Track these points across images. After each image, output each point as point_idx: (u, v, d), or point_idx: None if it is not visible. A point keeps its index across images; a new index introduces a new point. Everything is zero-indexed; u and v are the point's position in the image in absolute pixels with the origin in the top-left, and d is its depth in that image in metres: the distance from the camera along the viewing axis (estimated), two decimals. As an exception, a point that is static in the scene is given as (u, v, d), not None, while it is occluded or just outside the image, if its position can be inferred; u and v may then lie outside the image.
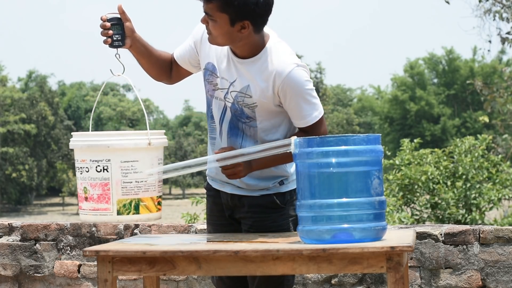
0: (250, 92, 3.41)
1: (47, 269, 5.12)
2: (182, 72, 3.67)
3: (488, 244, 4.45)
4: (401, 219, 9.33)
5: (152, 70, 3.61)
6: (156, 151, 3.36)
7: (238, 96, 3.43)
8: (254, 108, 3.42)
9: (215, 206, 3.62)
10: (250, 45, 3.40)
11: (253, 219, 3.49)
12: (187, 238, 3.47)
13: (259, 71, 3.40)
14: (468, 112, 58.36)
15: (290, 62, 3.38)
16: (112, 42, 3.40)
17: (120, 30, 3.41)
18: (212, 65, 3.51)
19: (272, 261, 2.96)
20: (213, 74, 3.50)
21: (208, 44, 3.50)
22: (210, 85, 3.52)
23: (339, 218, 2.97)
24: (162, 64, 3.63)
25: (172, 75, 3.67)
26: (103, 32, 3.40)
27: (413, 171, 9.57)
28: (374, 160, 3.01)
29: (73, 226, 5.08)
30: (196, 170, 3.31)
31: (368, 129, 63.69)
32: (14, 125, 59.35)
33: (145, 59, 3.56)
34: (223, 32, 3.35)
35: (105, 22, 3.40)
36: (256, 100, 3.41)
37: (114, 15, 3.41)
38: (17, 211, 58.57)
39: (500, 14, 17.18)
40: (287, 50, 3.44)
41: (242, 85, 3.42)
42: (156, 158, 3.36)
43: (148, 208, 3.33)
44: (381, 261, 2.91)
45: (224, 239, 3.28)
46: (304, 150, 3.02)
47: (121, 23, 3.41)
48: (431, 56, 62.67)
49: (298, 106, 3.38)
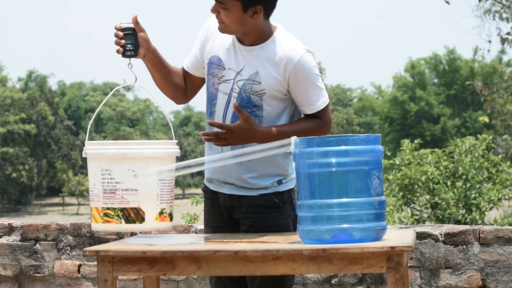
0: (259, 79, 3.41)
1: (47, 269, 5.12)
2: (196, 82, 3.63)
3: (488, 244, 4.45)
4: (401, 219, 9.33)
5: (166, 85, 3.57)
6: (172, 161, 3.34)
7: (245, 84, 3.43)
8: (262, 95, 3.42)
9: (213, 208, 3.61)
10: (260, 31, 3.41)
11: (252, 219, 3.48)
12: (187, 238, 3.47)
13: (268, 57, 3.41)
14: (468, 112, 58.37)
15: (300, 48, 3.41)
16: (125, 52, 3.39)
17: (133, 40, 3.40)
18: (217, 57, 3.50)
19: (272, 261, 2.96)
20: (218, 66, 3.49)
21: (212, 40, 3.51)
22: (214, 79, 3.50)
23: (339, 218, 2.96)
24: (176, 79, 3.59)
25: (187, 89, 3.64)
26: (116, 41, 3.40)
27: (413, 171, 9.57)
28: (374, 160, 3.01)
29: (73, 226, 5.08)
30: (196, 170, 3.30)
31: (368, 129, 63.67)
32: (14, 125, 59.35)
33: (159, 71, 3.53)
34: (235, 19, 3.35)
35: (118, 32, 3.40)
36: (265, 86, 3.41)
37: (128, 25, 3.41)
38: (17, 211, 58.57)
39: (500, 14, 17.18)
40: (295, 38, 3.47)
41: (250, 72, 3.42)
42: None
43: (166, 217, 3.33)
44: (381, 261, 2.90)
45: (224, 239, 3.28)
46: (304, 150, 3.01)
47: (135, 33, 3.41)
48: (433, 56, 62.68)
49: (308, 91, 3.40)
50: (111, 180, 3.22)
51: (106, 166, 3.23)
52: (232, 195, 3.52)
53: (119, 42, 3.40)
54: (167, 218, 3.29)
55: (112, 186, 3.22)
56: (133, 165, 3.21)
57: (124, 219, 3.22)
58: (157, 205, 3.25)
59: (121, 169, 3.21)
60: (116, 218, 3.22)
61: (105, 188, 3.23)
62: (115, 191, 3.22)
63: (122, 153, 3.21)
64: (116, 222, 3.22)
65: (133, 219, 3.22)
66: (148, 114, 78.20)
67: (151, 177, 3.22)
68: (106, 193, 3.23)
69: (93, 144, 3.28)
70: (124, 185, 3.22)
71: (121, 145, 3.24)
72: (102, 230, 3.25)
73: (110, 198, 3.22)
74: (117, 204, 3.22)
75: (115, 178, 3.22)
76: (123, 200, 3.21)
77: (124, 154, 3.21)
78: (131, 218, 3.22)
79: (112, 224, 3.22)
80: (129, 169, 3.21)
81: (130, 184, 3.21)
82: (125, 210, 3.22)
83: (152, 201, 3.24)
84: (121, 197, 3.21)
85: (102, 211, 3.23)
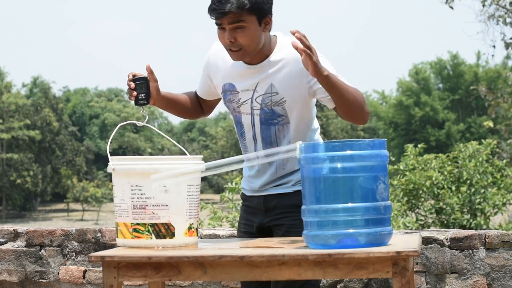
0: (275, 89, 3.42)
1: (52, 275, 5.12)
2: (212, 103, 3.73)
3: (494, 249, 4.45)
4: (405, 224, 9.32)
5: (183, 115, 3.72)
6: (198, 175, 3.32)
7: (264, 99, 3.44)
8: (283, 104, 3.41)
9: (245, 214, 3.64)
10: (266, 45, 3.41)
11: (287, 225, 3.47)
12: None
13: (278, 66, 3.41)
14: (473, 117, 58.36)
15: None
16: (137, 100, 3.47)
17: (145, 89, 3.48)
18: (229, 84, 3.52)
19: (278, 266, 2.96)
20: (232, 92, 3.51)
21: (218, 71, 3.54)
22: (233, 104, 3.53)
23: (344, 223, 2.96)
24: (191, 107, 3.71)
25: (203, 109, 3.75)
26: (128, 90, 3.48)
27: (418, 176, 9.57)
28: (379, 165, 3.00)
29: (78, 231, 5.09)
30: (202, 175, 3.30)
31: (372, 134, 63.69)
32: (19, 131, 59.49)
33: (172, 110, 3.66)
34: (254, 36, 3.34)
35: (130, 82, 3.47)
36: (283, 94, 3.41)
37: (140, 75, 3.48)
38: (21, 217, 58.67)
39: (504, 19, 17.19)
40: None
41: (265, 86, 3.43)
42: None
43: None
44: (387, 266, 2.90)
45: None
46: (309, 155, 3.01)
47: (147, 82, 3.48)
48: (437, 61, 62.70)
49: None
50: (142, 195, 3.20)
51: (137, 181, 3.20)
52: (267, 196, 3.53)
53: (131, 92, 3.47)
54: (194, 233, 3.29)
55: (143, 201, 3.20)
56: (165, 180, 3.20)
57: (155, 235, 3.20)
58: (186, 220, 3.24)
59: (152, 184, 3.20)
60: (146, 233, 3.20)
61: (135, 204, 3.21)
62: (145, 207, 3.20)
63: (154, 168, 3.19)
64: (147, 238, 3.20)
65: (164, 235, 3.20)
66: (152, 120, 78.35)
67: (156, 182, 3.21)
68: (136, 209, 3.21)
69: (120, 160, 3.27)
70: (155, 200, 3.19)
71: (152, 161, 3.23)
72: (131, 245, 3.23)
73: (140, 213, 3.20)
74: (148, 220, 3.20)
75: (146, 193, 3.20)
76: (154, 215, 3.20)
77: (156, 170, 3.19)
78: (162, 234, 3.20)
79: (142, 239, 3.20)
80: (160, 184, 3.20)
81: (161, 200, 3.19)
82: (155, 225, 3.20)
83: (181, 216, 3.23)
84: (152, 212, 3.20)
85: (132, 226, 3.21)
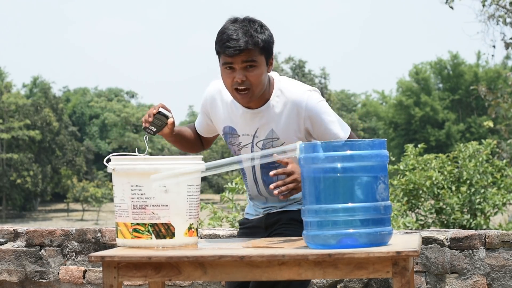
0: (276, 135, 3.46)
1: (52, 275, 5.12)
2: (211, 139, 3.82)
3: (494, 249, 4.45)
4: (405, 224, 9.32)
5: (185, 150, 3.80)
6: (198, 176, 3.32)
7: (265, 144, 3.47)
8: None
9: (244, 236, 3.66)
10: (265, 88, 3.43)
11: (286, 234, 3.50)
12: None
13: (277, 112, 3.44)
14: (473, 117, 58.36)
15: (303, 91, 3.43)
16: (146, 127, 3.50)
17: (160, 125, 3.51)
18: (229, 127, 3.55)
19: (278, 266, 2.96)
20: (233, 135, 3.54)
21: (218, 111, 3.56)
22: (234, 147, 3.56)
23: (344, 223, 2.96)
24: (193, 143, 3.79)
25: (203, 143, 3.83)
26: (145, 117, 3.48)
27: (418, 176, 9.57)
28: (379, 165, 3.00)
29: (78, 231, 5.09)
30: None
31: (372, 134, 63.71)
32: (19, 131, 59.46)
33: (177, 145, 3.73)
34: (262, 76, 3.37)
35: (152, 111, 3.47)
36: (284, 139, 3.45)
37: (165, 111, 3.50)
38: (21, 217, 58.64)
39: (504, 19, 17.19)
40: (294, 83, 3.49)
41: (266, 131, 3.47)
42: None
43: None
44: (387, 266, 2.90)
45: (230, 245, 3.27)
46: (309, 155, 3.01)
47: (165, 122, 3.50)
48: (438, 61, 62.70)
49: (327, 128, 3.40)
50: (142, 195, 3.20)
51: (137, 181, 3.20)
52: (270, 213, 3.57)
53: (146, 119, 3.48)
54: (194, 233, 3.29)
55: (143, 201, 3.20)
56: (165, 180, 3.20)
57: (155, 235, 3.20)
58: (186, 220, 3.24)
59: (152, 184, 3.20)
60: (146, 233, 3.20)
61: (135, 204, 3.20)
62: (145, 207, 3.20)
63: (155, 168, 3.19)
64: (147, 238, 3.20)
65: (164, 235, 3.20)
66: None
67: (156, 182, 3.21)
68: (136, 209, 3.21)
69: (120, 160, 3.26)
70: (155, 200, 3.19)
71: (152, 161, 3.22)
72: (131, 245, 3.22)
73: (140, 213, 3.20)
74: (148, 220, 3.20)
75: (146, 193, 3.20)
76: (154, 215, 3.20)
77: (156, 170, 3.19)
78: (162, 234, 3.20)
79: (142, 239, 3.20)
80: (160, 184, 3.20)
81: (161, 200, 3.19)
82: (155, 225, 3.20)
83: (182, 217, 3.23)
84: (152, 212, 3.20)
85: (132, 226, 3.21)
